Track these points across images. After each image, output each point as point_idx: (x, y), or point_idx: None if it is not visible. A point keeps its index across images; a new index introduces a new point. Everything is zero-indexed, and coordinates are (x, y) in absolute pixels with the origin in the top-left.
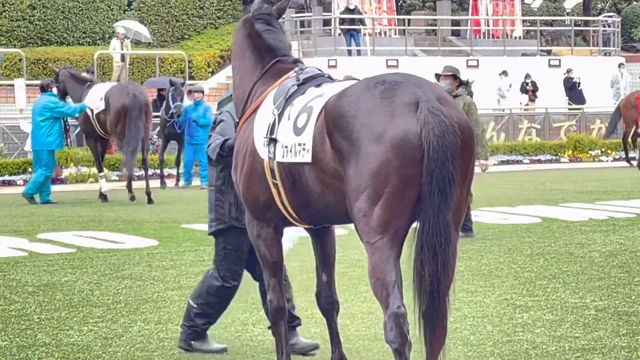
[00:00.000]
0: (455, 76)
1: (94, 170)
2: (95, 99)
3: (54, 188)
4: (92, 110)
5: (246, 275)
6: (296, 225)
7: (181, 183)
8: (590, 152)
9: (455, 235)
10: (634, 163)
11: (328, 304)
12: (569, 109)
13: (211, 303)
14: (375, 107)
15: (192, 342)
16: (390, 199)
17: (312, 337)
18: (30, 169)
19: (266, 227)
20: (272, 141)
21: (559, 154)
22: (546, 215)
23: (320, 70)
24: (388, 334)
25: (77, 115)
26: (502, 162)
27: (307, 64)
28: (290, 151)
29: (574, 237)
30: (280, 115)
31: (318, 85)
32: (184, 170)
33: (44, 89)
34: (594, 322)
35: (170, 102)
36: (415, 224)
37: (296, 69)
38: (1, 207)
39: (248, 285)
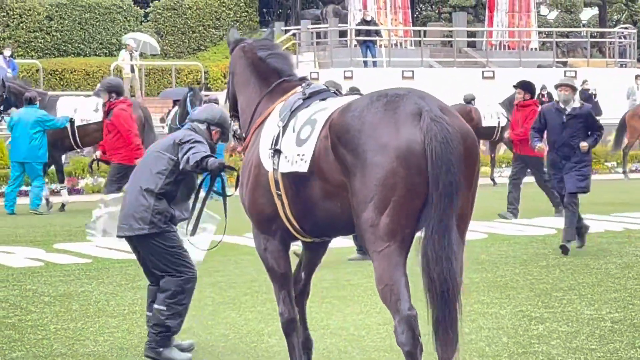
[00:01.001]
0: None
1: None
2: (85, 111)
3: (71, 198)
4: (72, 122)
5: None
6: (299, 239)
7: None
8: (606, 163)
9: (457, 240)
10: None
11: (299, 289)
12: None
13: (180, 299)
14: (379, 119)
15: (162, 350)
16: (396, 207)
17: (326, 348)
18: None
19: (272, 239)
20: (277, 152)
21: None
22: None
23: (326, 86)
24: (400, 337)
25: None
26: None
27: (324, 75)
28: (290, 161)
29: (589, 248)
30: (285, 127)
31: (323, 99)
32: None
33: (31, 101)
34: (610, 334)
35: (189, 107)
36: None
37: (303, 84)
38: (18, 218)
39: (264, 296)
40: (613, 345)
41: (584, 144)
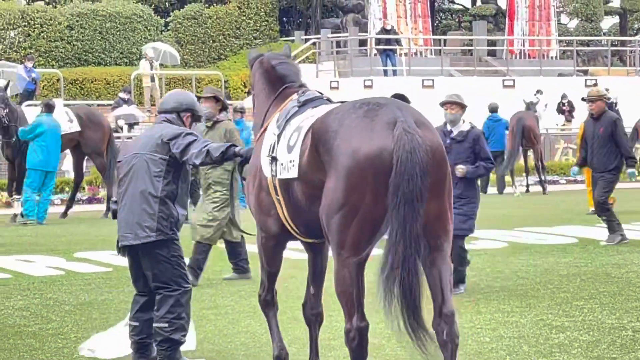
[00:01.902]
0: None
1: None
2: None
3: (91, 207)
4: None
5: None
6: (298, 239)
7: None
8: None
9: (425, 244)
10: None
11: (312, 315)
12: None
13: (179, 313)
14: (356, 124)
15: None
16: (364, 216)
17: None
18: (67, 189)
19: (270, 239)
20: (274, 159)
21: None
22: (583, 235)
23: (320, 93)
24: (350, 343)
25: None
26: (538, 182)
27: (344, 84)
28: (284, 168)
29: (610, 257)
30: (280, 135)
31: (315, 107)
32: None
33: (50, 109)
34: (631, 343)
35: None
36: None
37: (299, 92)
38: (39, 227)
39: (284, 305)
40: (634, 354)
41: (460, 168)
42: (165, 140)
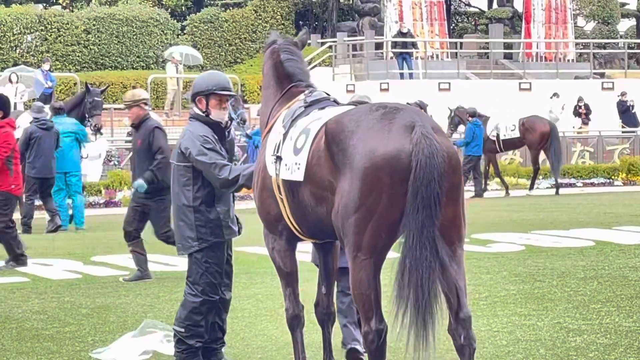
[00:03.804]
0: None
1: None
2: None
3: (109, 211)
4: None
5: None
6: (303, 240)
7: None
8: None
9: (445, 250)
10: None
11: (324, 315)
12: (623, 132)
13: (196, 321)
14: (373, 125)
15: None
16: (380, 219)
17: None
18: (84, 192)
19: (279, 239)
20: (278, 159)
21: (613, 177)
22: (599, 238)
23: (327, 94)
24: (370, 345)
25: None
26: (553, 186)
27: (360, 87)
28: (289, 169)
29: (628, 260)
30: (285, 134)
31: (322, 108)
32: None
33: (59, 111)
34: None
35: (232, 113)
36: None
37: (306, 92)
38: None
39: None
40: None
41: None
42: (182, 150)
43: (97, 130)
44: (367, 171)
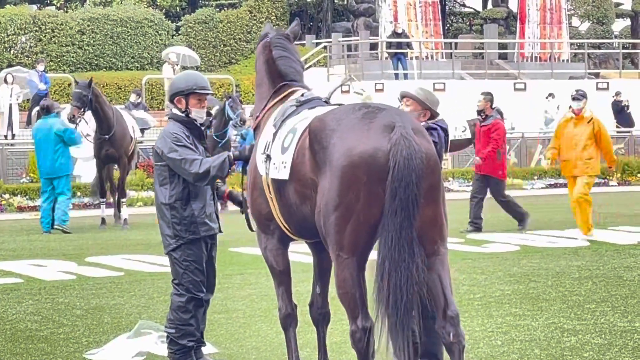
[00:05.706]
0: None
1: (142, 194)
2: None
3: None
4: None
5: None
6: (294, 239)
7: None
8: (639, 175)
9: (419, 251)
10: None
11: (319, 315)
12: (618, 132)
13: (185, 320)
14: (353, 124)
15: None
16: (360, 217)
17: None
18: (79, 193)
19: (271, 238)
20: (268, 158)
21: (608, 177)
22: (594, 238)
23: (319, 95)
24: (357, 344)
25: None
26: (550, 186)
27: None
28: (277, 168)
29: (622, 260)
30: (275, 134)
31: (311, 108)
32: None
33: (48, 110)
34: None
35: (231, 114)
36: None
37: (297, 92)
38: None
39: None
40: None
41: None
42: (157, 151)
43: (71, 120)
44: (345, 169)
